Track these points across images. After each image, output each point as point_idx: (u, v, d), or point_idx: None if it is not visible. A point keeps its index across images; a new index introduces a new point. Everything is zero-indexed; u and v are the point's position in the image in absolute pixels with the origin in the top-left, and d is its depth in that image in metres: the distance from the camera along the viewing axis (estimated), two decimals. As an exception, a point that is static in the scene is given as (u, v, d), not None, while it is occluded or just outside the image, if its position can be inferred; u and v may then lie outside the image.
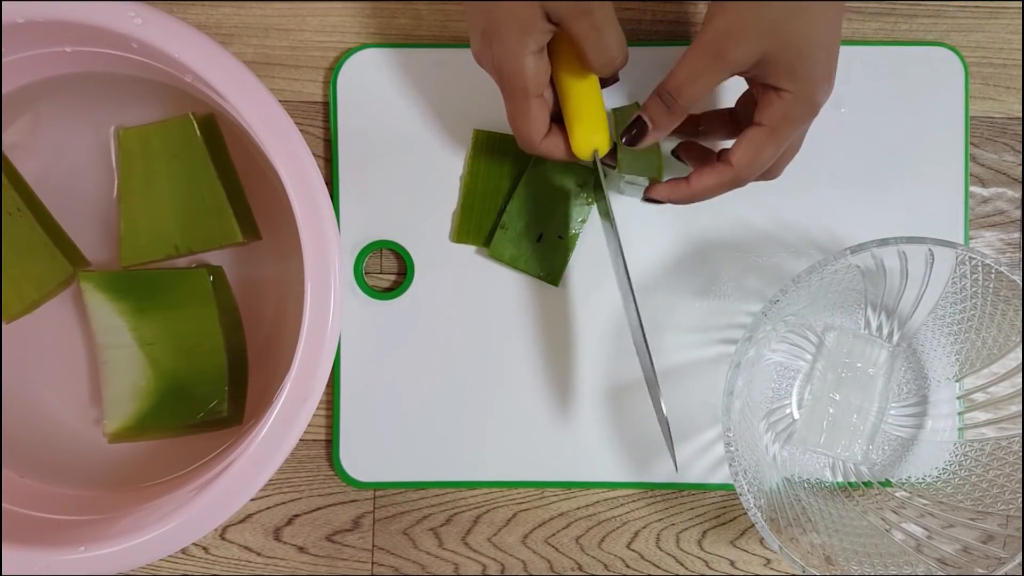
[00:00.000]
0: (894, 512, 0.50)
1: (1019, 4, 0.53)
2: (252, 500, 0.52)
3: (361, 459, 0.52)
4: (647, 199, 0.45)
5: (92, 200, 0.51)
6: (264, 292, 0.51)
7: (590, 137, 0.43)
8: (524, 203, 0.51)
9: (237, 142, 0.51)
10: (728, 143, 0.44)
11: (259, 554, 0.53)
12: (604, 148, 0.43)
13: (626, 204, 0.52)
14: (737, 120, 0.47)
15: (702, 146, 0.48)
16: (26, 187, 0.49)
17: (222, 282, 0.50)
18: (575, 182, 0.51)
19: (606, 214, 0.46)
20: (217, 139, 0.50)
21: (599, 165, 0.44)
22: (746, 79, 0.43)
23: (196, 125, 0.48)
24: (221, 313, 0.49)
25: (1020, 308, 0.46)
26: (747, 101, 0.46)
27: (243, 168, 0.51)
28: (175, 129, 0.48)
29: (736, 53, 0.38)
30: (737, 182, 0.42)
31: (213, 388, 0.49)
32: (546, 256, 0.51)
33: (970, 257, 0.45)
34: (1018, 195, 0.53)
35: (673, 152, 0.49)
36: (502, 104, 0.52)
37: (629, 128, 0.43)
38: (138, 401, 0.48)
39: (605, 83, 0.45)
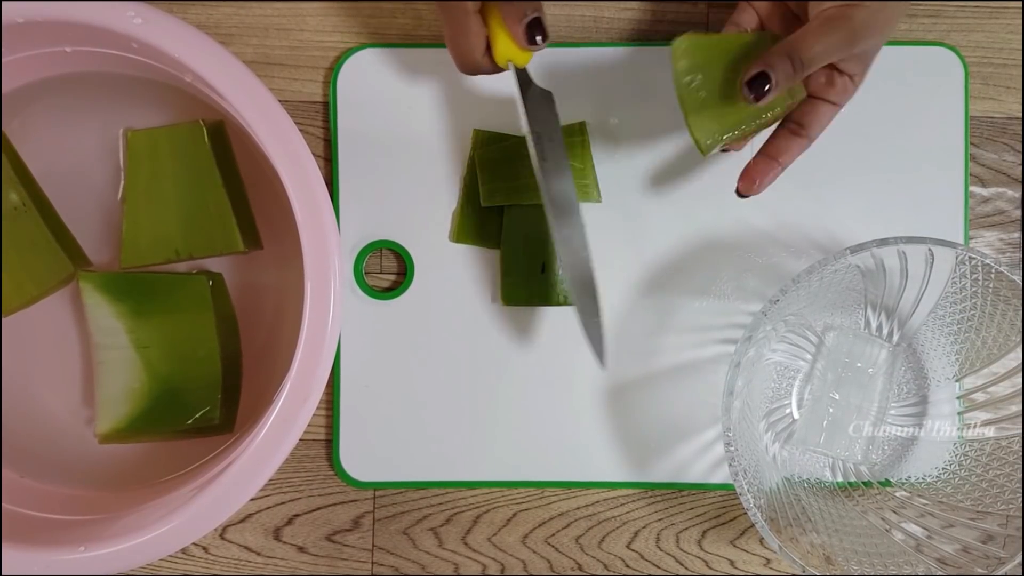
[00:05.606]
0: (894, 512, 0.50)
1: (1019, 4, 0.53)
2: (252, 500, 0.52)
3: (361, 459, 0.52)
4: (744, 195, 0.46)
5: (92, 201, 0.51)
6: (262, 300, 0.51)
7: (508, 49, 0.44)
8: (515, 245, 0.51)
9: (243, 149, 0.50)
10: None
11: (259, 554, 0.53)
12: (521, 62, 0.45)
13: (625, 205, 0.52)
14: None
15: (766, 163, 0.47)
16: (33, 183, 0.49)
17: (221, 289, 0.50)
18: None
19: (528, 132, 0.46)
20: (225, 146, 0.50)
21: (515, 74, 0.45)
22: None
23: (205, 131, 0.48)
24: (218, 320, 0.49)
25: (1020, 308, 0.46)
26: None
27: (248, 176, 0.51)
28: (184, 134, 0.48)
29: (864, 44, 0.41)
30: (805, 150, 0.46)
31: (206, 395, 0.48)
32: (556, 282, 0.51)
33: (970, 257, 0.45)
34: (1018, 195, 0.53)
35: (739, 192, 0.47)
36: (502, 104, 0.52)
37: (752, 82, 0.41)
38: (131, 403, 0.48)
39: None
